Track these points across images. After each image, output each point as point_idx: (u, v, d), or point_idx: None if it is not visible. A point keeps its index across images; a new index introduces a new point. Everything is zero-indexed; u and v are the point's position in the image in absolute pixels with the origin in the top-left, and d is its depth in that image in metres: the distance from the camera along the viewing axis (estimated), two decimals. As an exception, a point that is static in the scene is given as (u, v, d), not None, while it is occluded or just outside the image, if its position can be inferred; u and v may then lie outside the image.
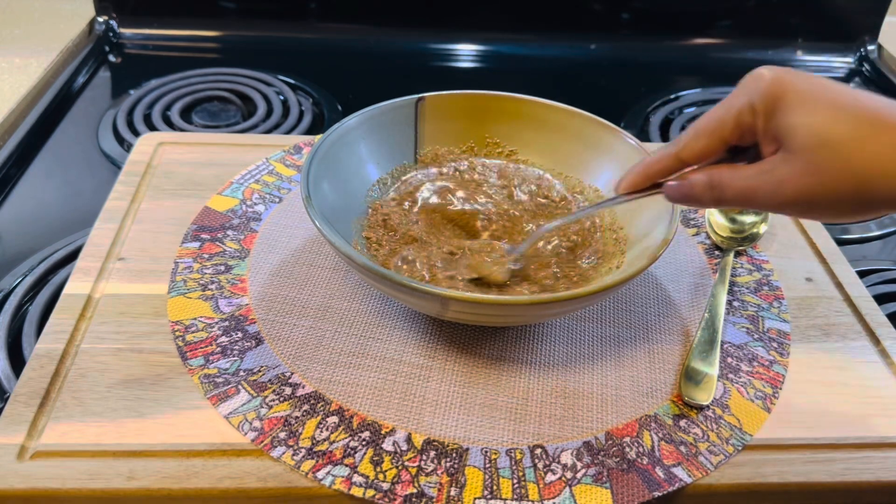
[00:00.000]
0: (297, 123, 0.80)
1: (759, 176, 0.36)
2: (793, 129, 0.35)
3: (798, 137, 0.35)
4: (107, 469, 0.39)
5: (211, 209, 0.56)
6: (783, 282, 0.54)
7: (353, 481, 0.39)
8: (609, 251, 0.50)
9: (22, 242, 0.61)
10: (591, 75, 0.96)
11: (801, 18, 0.98)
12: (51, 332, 0.46)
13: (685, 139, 0.39)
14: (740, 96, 0.37)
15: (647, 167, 0.41)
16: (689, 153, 0.39)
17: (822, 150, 0.34)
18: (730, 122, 0.37)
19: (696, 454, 0.41)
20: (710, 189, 0.38)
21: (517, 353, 0.47)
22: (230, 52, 0.94)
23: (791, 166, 0.35)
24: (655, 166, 0.41)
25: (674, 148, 0.40)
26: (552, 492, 0.39)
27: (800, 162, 0.35)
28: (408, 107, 0.56)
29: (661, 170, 0.41)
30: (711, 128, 0.38)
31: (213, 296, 0.49)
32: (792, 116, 0.35)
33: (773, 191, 0.36)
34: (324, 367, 0.45)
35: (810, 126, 0.34)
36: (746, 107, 0.37)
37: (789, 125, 0.35)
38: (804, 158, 0.34)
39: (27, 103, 0.78)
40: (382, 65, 0.94)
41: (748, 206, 0.38)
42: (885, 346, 0.49)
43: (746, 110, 0.37)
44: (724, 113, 0.38)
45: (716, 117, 0.38)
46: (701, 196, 0.39)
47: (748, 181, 0.37)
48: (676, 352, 0.48)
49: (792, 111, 0.35)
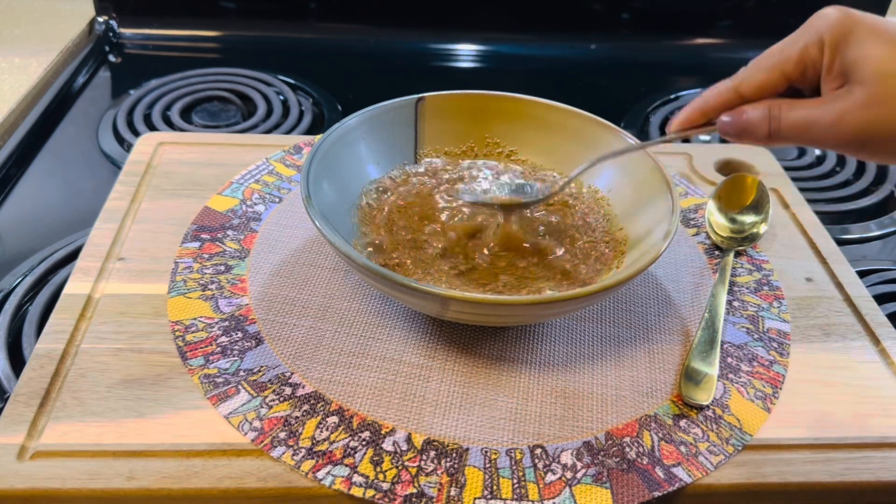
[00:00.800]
0: (297, 123, 0.80)
1: (821, 107, 0.35)
2: (862, 60, 0.34)
3: (868, 67, 0.34)
4: (107, 469, 0.39)
5: (211, 209, 0.56)
6: (783, 282, 0.54)
7: (353, 481, 0.39)
8: (608, 252, 0.50)
9: (22, 242, 0.61)
10: (591, 75, 0.96)
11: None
12: (51, 332, 0.46)
13: (745, 72, 0.38)
14: (807, 31, 0.36)
15: (705, 101, 0.40)
16: (748, 86, 0.38)
17: (891, 79, 0.33)
18: (794, 56, 0.37)
19: (696, 454, 0.41)
20: (768, 120, 0.37)
21: (517, 353, 0.47)
22: (230, 52, 0.94)
23: (856, 97, 0.34)
24: (713, 100, 0.40)
25: (731, 81, 0.39)
26: (552, 492, 0.39)
27: (866, 92, 0.34)
28: (408, 107, 0.56)
29: (718, 104, 0.40)
30: (773, 61, 0.37)
31: (213, 296, 0.49)
32: (861, 48, 0.34)
33: (834, 122, 0.35)
34: (324, 367, 0.45)
35: (881, 56, 0.34)
36: (814, 40, 0.36)
37: (859, 56, 0.34)
38: (871, 89, 0.34)
39: (27, 103, 0.78)
40: (382, 65, 0.94)
41: (805, 140, 0.37)
42: (885, 346, 0.49)
43: (813, 43, 0.36)
44: (788, 46, 0.37)
45: (778, 50, 0.37)
46: (757, 127, 0.37)
47: (809, 111, 0.36)
48: (676, 352, 0.48)
49: (862, 43, 0.34)
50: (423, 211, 0.52)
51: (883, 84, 0.34)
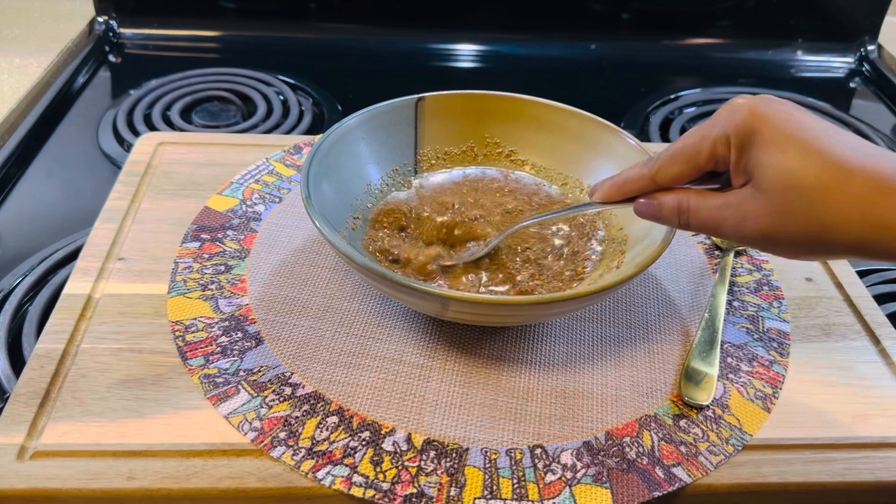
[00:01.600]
0: (297, 123, 0.80)
1: (725, 209, 0.37)
2: (762, 168, 0.35)
3: (766, 177, 0.35)
4: (107, 469, 0.39)
5: (211, 209, 0.56)
6: (783, 282, 0.54)
7: (353, 481, 0.39)
8: (609, 251, 0.50)
9: (22, 242, 0.61)
10: (591, 75, 0.96)
11: (801, 18, 0.98)
12: (51, 332, 0.46)
13: (661, 162, 0.39)
14: (717, 126, 0.37)
15: (623, 184, 0.42)
16: (663, 176, 0.40)
17: (788, 193, 0.34)
18: (705, 152, 0.38)
19: (695, 454, 0.41)
20: (678, 214, 0.39)
21: (517, 353, 0.47)
22: (230, 52, 0.94)
23: (757, 204, 0.35)
24: (630, 185, 0.41)
25: (649, 171, 0.40)
26: (552, 492, 0.39)
27: (765, 201, 0.35)
28: (408, 107, 0.56)
29: (634, 189, 0.41)
30: (687, 155, 0.38)
31: (213, 296, 0.49)
32: (762, 154, 0.35)
33: (737, 225, 0.36)
34: (324, 367, 0.45)
35: (779, 167, 0.34)
36: (722, 138, 0.37)
37: (759, 163, 0.35)
38: (770, 198, 0.35)
39: (27, 103, 0.78)
40: (382, 65, 0.94)
41: (712, 234, 0.38)
42: (885, 346, 0.49)
43: (721, 141, 0.37)
44: (700, 141, 0.38)
45: (692, 145, 0.38)
46: (669, 219, 0.40)
47: (713, 212, 0.37)
48: (676, 352, 0.48)
49: (763, 148, 0.35)
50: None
51: (781, 196, 0.34)
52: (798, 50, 1.00)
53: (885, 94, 0.95)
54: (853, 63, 1.00)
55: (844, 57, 1.00)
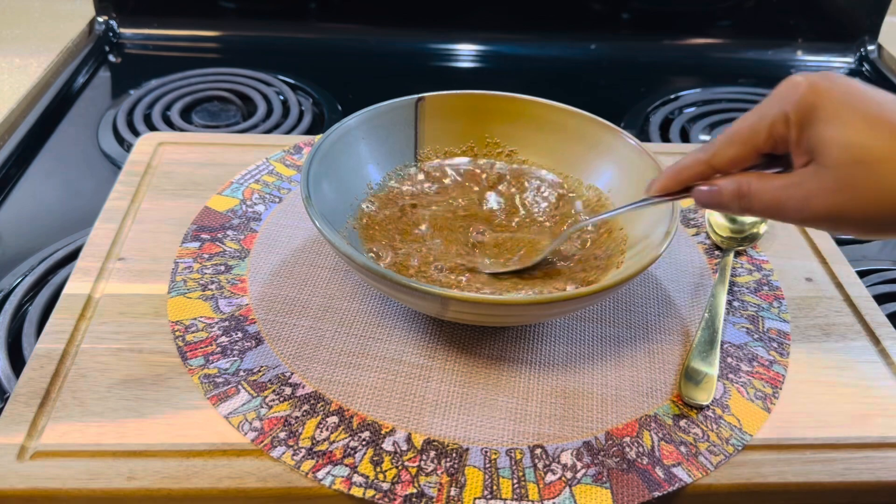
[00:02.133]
0: (297, 123, 0.80)
1: (788, 189, 0.35)
2: (826, 143, 0.33)
3: (831, 152, 0.33)
4: (107, 469, 0.39)
5: (211, 209, 0.56)
6: (783, 282, 0.54)
7: (353, 481, 0.39)
8: (609, 251, 0.50)
9: (22, 242, 0.61)
10: (591, 75, 0.96)
11: (801, 18, 0.98)
12: (51, 332, 0.46)
13: (717, 146, 0.38)
14: (774, 104, 0.36)
15: (679, 172, 0.40)
16: (720, 161, 0.38)
17: (856, 168, 0.33)
18: (763, 132, 0.36)
19: (696, 454, 0.41)
20: (739, 198, 0.37)
21: (517, 353, 0.47)
22: (230, 52, 0.94)
23: (821, 181, 0.34)
24: (687, 171, 0.40)
25: (705, 154, 0.39)
26: (552, 492, 0.39)
27: (831, 177, 0.33)
28: (408, 107, 0.56)
29: (692, 175, 0.40)
30: (744, 136, 0.37)
31: (213, 296, 0.49)
32: (825, 129, 0.34)
33: (802, 205, 0.35)
34: (324, 367, 0.45)
35: (844, 141, 0.33)
36: (780, 116, 0.35)
37: (822, 138, 0.34)
38: (836, 174, 0.33)
39: (27, 103, 0.78)
40: (382, 65, 0.94)
41: (776, 217, 0.37)
42: (885, 346, 0.49)
43: (780, 120, 0.35)
44: (758, 121, 0.36)
45: (748, 125, 0.37)
46: (729, 204, 0.38)
47: (776, 192, 0.36)
48: (676, 352, 0.48)
49: (826, 123, 0.34)
50: None
51: (848, 171, 0.33)
52: (798, 50, 1.00)
53: (885, 95, 0.95)
54: (853, 63, 1.00)
55: (844, 57, 1.00)
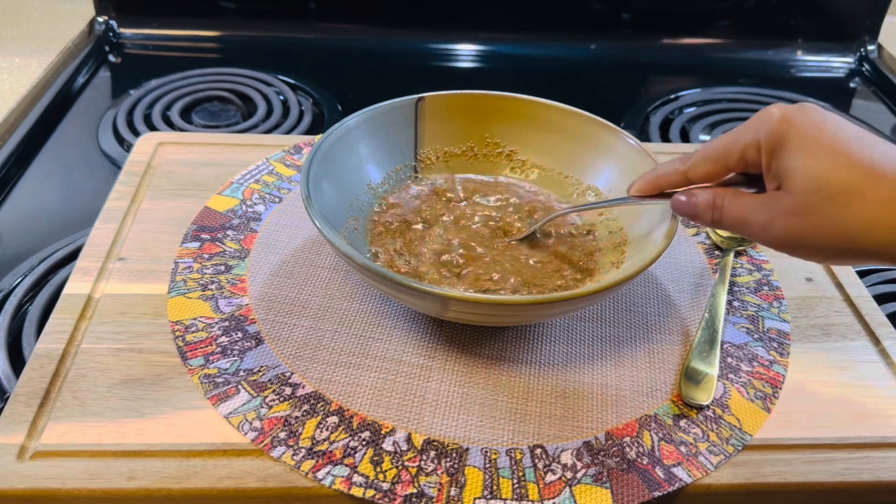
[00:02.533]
0: (297, 123, 0.80)
1: (756, 207, 0.38)
2: (792, 172, 0.36)
3: (796, 180, 0.36)
4: (107, 469, 0.39)
5: (211, 209, 0.56)
6: (783, 282, 0.54)
7: (353, 481, 0.39)
8: (609, 251, 0.50)
9: (22, 242, 0.61)
10: (591, 75, 0.96)
11: (801, 18, 0.98)
12: (51, 332, 0.46)
13: (694, 160, 0.41)
14: (749, 131, 0.38)
15: (657, 178, 0.43)
16: (694, 174, 0.41)
17: (816, 196, 0.35)
18: (735, 154, 0.39)
19: (696, 454, 0.41)
20: (711, 209, 0.40)
21: (517, 353, 0.47)
22: (230, 52, 0.94)
23: (785, 205, 0.36)
24: (664, 179, 0.43)
25: (682, 166, 0.42)
26: (552, 492, 0.39)
27: (794, 203, 0.36)
28: (408, 107, 0.56)
29: (668, 183, 0.43)
30: (717, 155, 0.40)
31: (213, 296, 0.49)
32: (792, 159, 0.36)
33: (765, 224, 0.37)
34: (324, 367, 0.45)
35: (807, 170, 0.35)
36: (753, 143, 0.38)
37: (788, 167, 0.36)
38: (798, 201, 0.36)
39: (27, 103, 0.78)
40: (382, 65, 0.94)
41: (742, 233, 0.39)
42: (885, 346, 0.49)
43: (752, 146, 0.38)
44: (733, 143, 0.39)
45: (723, 146, 0.39)
46: (702, 214, 0.41)
47: (744, 210, 0.38)
48: (676, 352, 0.48)
49: (793, 153, 0.36)
50: None
51: (809, 199, 0.35)
52: (798, 50, 1.00)
53: (885, 94, 0.95)
54: (853, 63, 1.00)
55: (844, 57, 1.00)
